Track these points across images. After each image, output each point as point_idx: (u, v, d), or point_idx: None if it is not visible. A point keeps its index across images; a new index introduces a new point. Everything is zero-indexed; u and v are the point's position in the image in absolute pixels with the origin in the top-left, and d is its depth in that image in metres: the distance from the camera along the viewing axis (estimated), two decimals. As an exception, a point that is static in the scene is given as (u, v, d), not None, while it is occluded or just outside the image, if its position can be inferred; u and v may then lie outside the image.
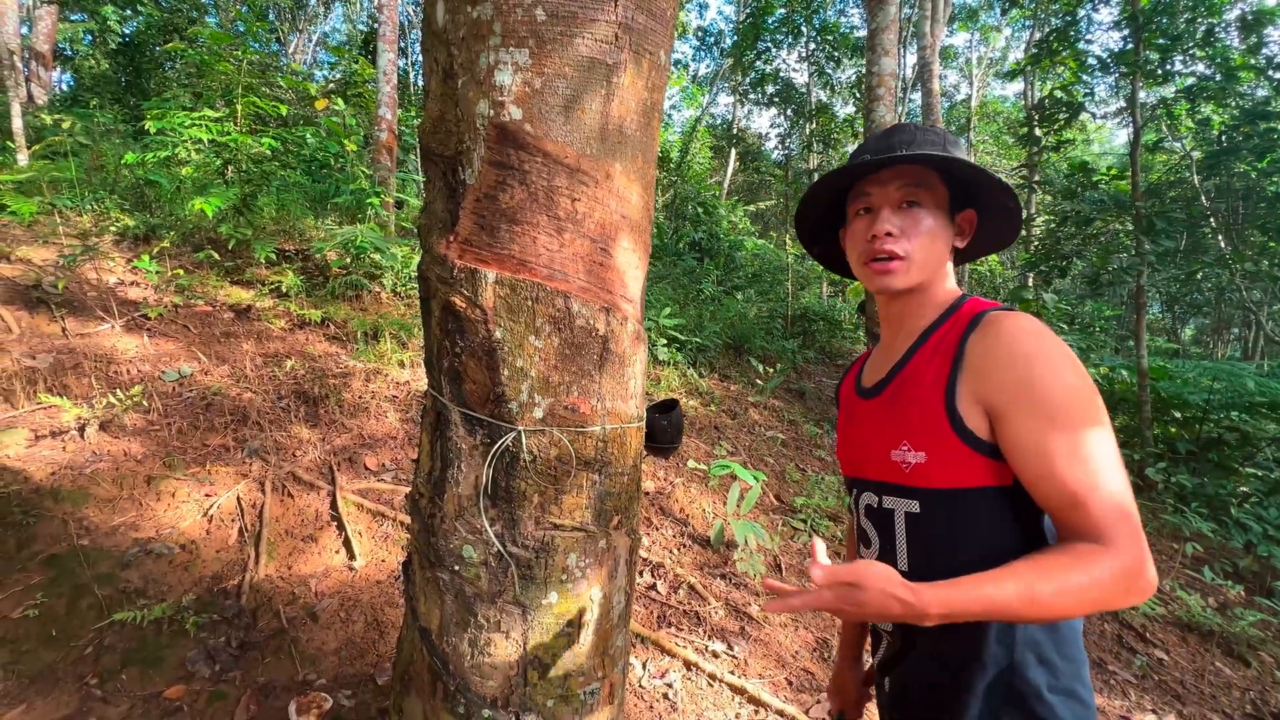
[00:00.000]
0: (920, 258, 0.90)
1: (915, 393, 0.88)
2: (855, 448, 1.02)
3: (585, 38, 0.90)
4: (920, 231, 0.90)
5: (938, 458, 0.84)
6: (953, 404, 0.82)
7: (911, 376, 0.90)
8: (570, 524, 1.06)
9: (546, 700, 1.09)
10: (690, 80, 21.05)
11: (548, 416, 1.01)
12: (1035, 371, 0.78)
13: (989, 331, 0.82)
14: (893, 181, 0.91)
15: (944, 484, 0.84)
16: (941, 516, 0.86)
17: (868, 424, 0.97)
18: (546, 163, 0.93)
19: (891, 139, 0.94)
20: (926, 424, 0.85)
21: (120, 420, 2.66)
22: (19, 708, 1.63)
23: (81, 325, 3.53)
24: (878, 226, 0.90)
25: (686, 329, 5.77)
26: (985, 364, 0.81)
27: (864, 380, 1.03)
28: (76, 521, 2.15)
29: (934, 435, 0.84)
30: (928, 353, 0.89)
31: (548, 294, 0.97)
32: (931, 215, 0.90)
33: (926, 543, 0.88)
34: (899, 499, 0.90)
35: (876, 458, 0.93)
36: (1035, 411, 0.77)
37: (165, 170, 5.17)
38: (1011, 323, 0.81)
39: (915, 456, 0.86)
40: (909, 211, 0.90)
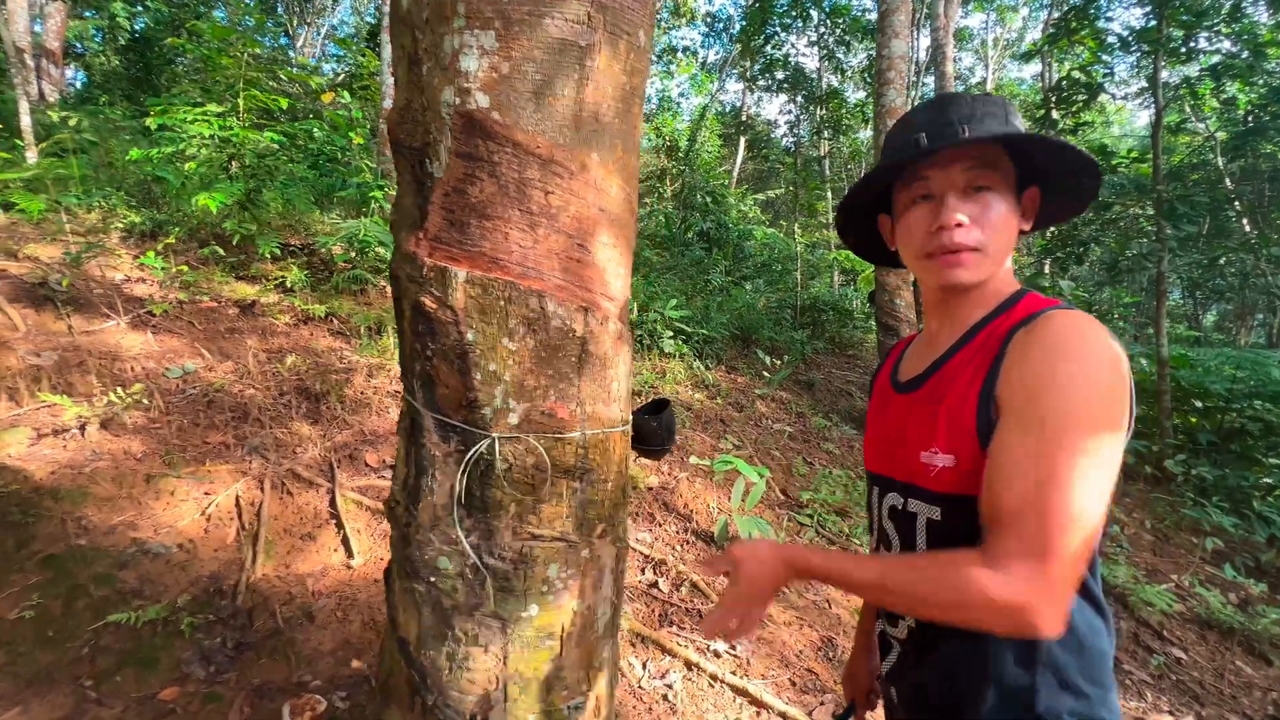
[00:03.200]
0: (995, 249, 0.81)
1: (953, 391, 0.80)
2: (885, 444, 0.94)
3: (555, 18, 0.84)
4: (993, 219, 0.81)
5: (965, 463, 0.77)
6: (986, 406, 0.75)
7: (950, 374, 0.83)
8: (550, 534, 1.01)
9: (528, 715, 1.05)
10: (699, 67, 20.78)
11: (524, 423, 0.96)
12: (1044, 372, 0.70)
13: (1034, 329, 0.74)
14: (956, 163, 0.81)
15: (968, 490, 0.76)
16: (963, 525, 0.78)
17: (901, 420, 0.89)
18: (517, 154, 0.88)
19: (947, 113, 0.83)
20: (957, 426, 0.78)
21: (121, 418, 2.66)
22: (14, 710, 1.63)
23: (87, 322, 3.54)
24: (946, 216, 0.80)
25: (693, 321, 5.70)
26: (1009, 364, 0.74)
27: (901, 372, 0.95)
28: (75, 521, 2.15)
29: (962, 438, 0.77)
30: (972, 350, 0.81)
31: (521, 293, 0.92)
32: (1003, 199, 0.81)
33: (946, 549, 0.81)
34: (923, 504, 0.83)
35: (907, 458, 0.86)
36: (1021, 414, 0.70)
37: (172, 166, 5.18)
38: (1059, 320, 0.73)
39: (943, 460, 0.79)
40: (978, 196, 0.81)
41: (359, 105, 8.16)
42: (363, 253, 5.19)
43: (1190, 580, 3.68)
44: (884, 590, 0.74)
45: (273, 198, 5.41)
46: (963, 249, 0.81)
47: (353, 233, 4.96)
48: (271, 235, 4.91)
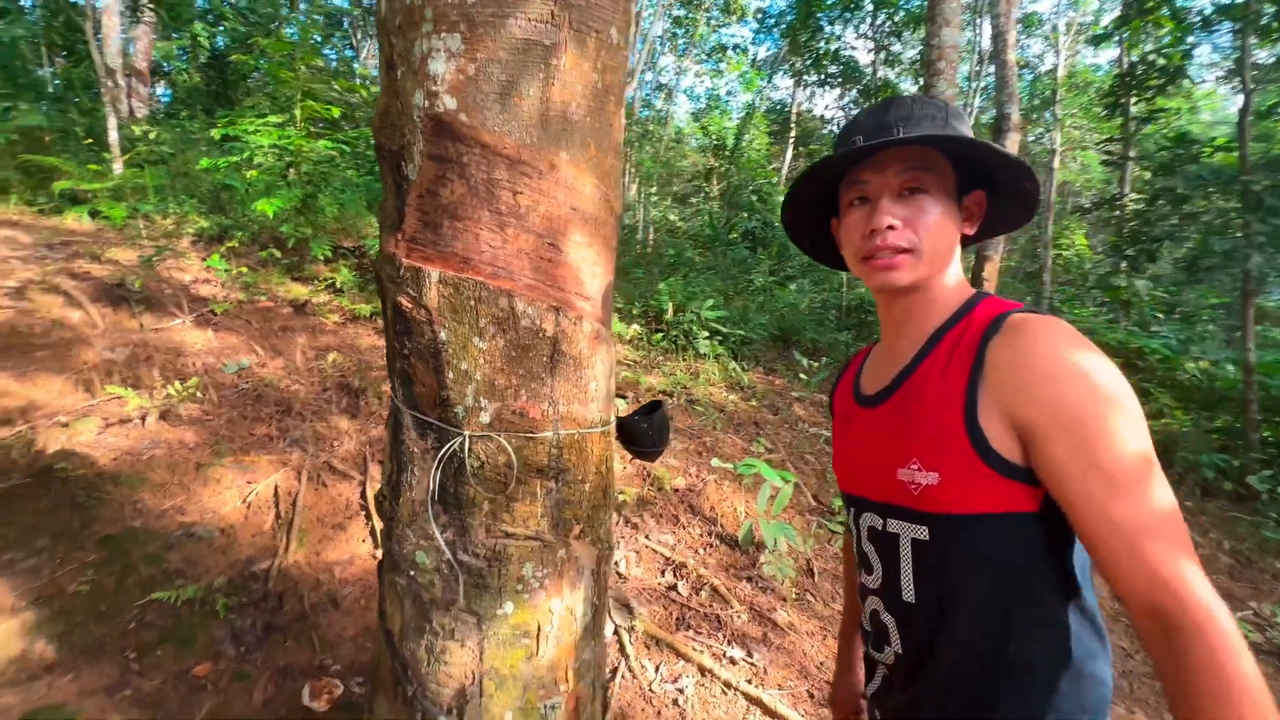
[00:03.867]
0: (929, 250, 0.80)
1: (926, 404, 0.77)
2: (854, 463, 0.91)
3: (519, 18, 0.85)
4: (927, 220, 0.79)
5: (954, 480, 0.73)
6: (974, 420, 0.72)
7: (920, 385, 0.80)
8: (524, 533, 1.01)
9: (504, 712, 1.06)
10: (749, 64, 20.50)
11: (495, 421, 0.96)
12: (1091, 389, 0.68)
13: (1015, 338, 0.72)
14: (891, 166, 0.80)
15: (960, 509, 0.74)
16: (955, 545, 0.76)
17: (869, 437, 0.87)
18: (485, 154, 0.88)
19: (886, 116, 0.83)
20: (941, 441, 0.74)
21: (177, 410, 2.86)
22: (68, 676, 1.77)
23: (156, 320, 3.83)
24: (877, 219, 0.80)
25: (730, 321, 5.62)
26: (1015, 377, 0.70)
27: (863, 386, 0.92)
28: (131, 504, 2.33)
29: (950, 454, 0.73)
30: (940, 358, 0.79)
31: (491, 293, 0.92)
32: (938, 201, 0.80)
33: (936, 573, 0.78)
34: (906, 523, 0.80)
35: (881, 476, 0.82)
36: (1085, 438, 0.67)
37: (237, 174, 5.53)
38: (1048, 327, 0.71)
39: (926, 477, 0.76)
40: (912, 199, 0.80)
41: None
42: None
43: (1272, 610, 3.36)
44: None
45: (327, 202, 5.69)
46: (895, 251, 0.80)
47: (399, 235, 5.15)
48: (325, 238, 5.17)
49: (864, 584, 0.89)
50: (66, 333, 3.42)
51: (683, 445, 3.81)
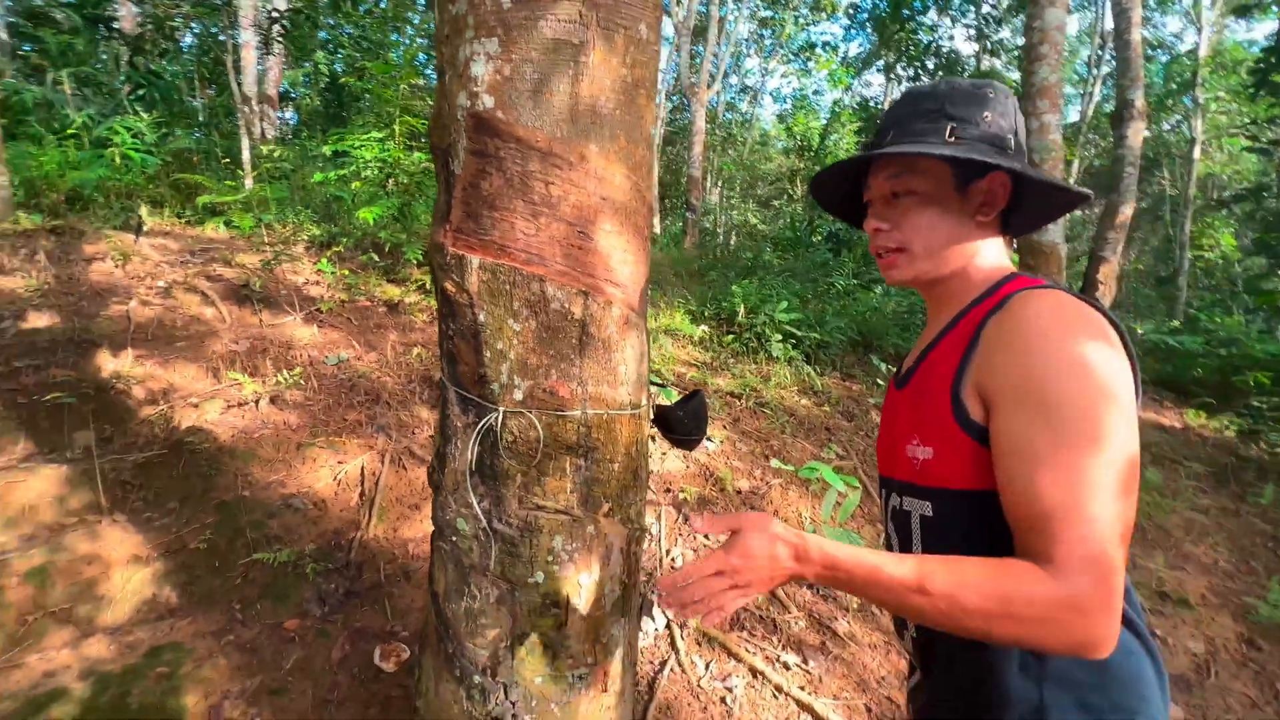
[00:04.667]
0: (921, 247, 0.84)
1: (931, 381, 0.80)
2: (882, 443, 0.95)
3: (549, 19, 0.91)
4: (914, 222, 0.84)
5: (944, 453, 0.76)
6: (958, 391, 0.74)
7: (931, 365, 0.82)
8: (553, 506, 1.07)
9: (534, 676, 1.11)
10: (839, 62, 19.85)
11: (527, 399, 1.03)
12: (1038, 358, 0.67)
13: (1008, 311, 0.72)
14: (882, 172, 0.85)
15: (955, 484, 0.75)
16: (954, 522, 0.77)
17: (893, 417, 0.91)
18: (519, 148, 0.95)
19: (892, 115, 0.87)
20: (933, 415, 0.77)
21: (284, 396, 3.20)
22: (186, 619, 2.04)
23: (273, 317, 4.29)
24: (867, 224, 0.88)
25: (806, 324, 5.48)
26: (990, 346, 0.72)
27: (902, 369, 0.95)
28: (243, 476, 2.63)
29: (939, 427, 0.76)
30: (952, 338, 0.80)
31: (524, 278, 0.99)
32: (925, 201, 0.83)
33: (940, 550, 0.78)
34: (914, 499, 0.81)
35: (896, 454, 0.86)
36: (1026, 403, 0.66)
37: (345, 186, 6.08)
38: (1036, 301, 0.71)
39: (923, 452, 0.78)
40: (898, 202, 0.84)
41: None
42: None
43: None
44: (923, 594, 0.63)
45: (421, 210, 6.12)
46: (888, 251, 0.86)
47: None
48: (417, 243, 5.57)
49: None
50: (201, 327, 3.92)
51: (748, 448, 3.76)
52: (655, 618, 2.32)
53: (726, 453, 3.63)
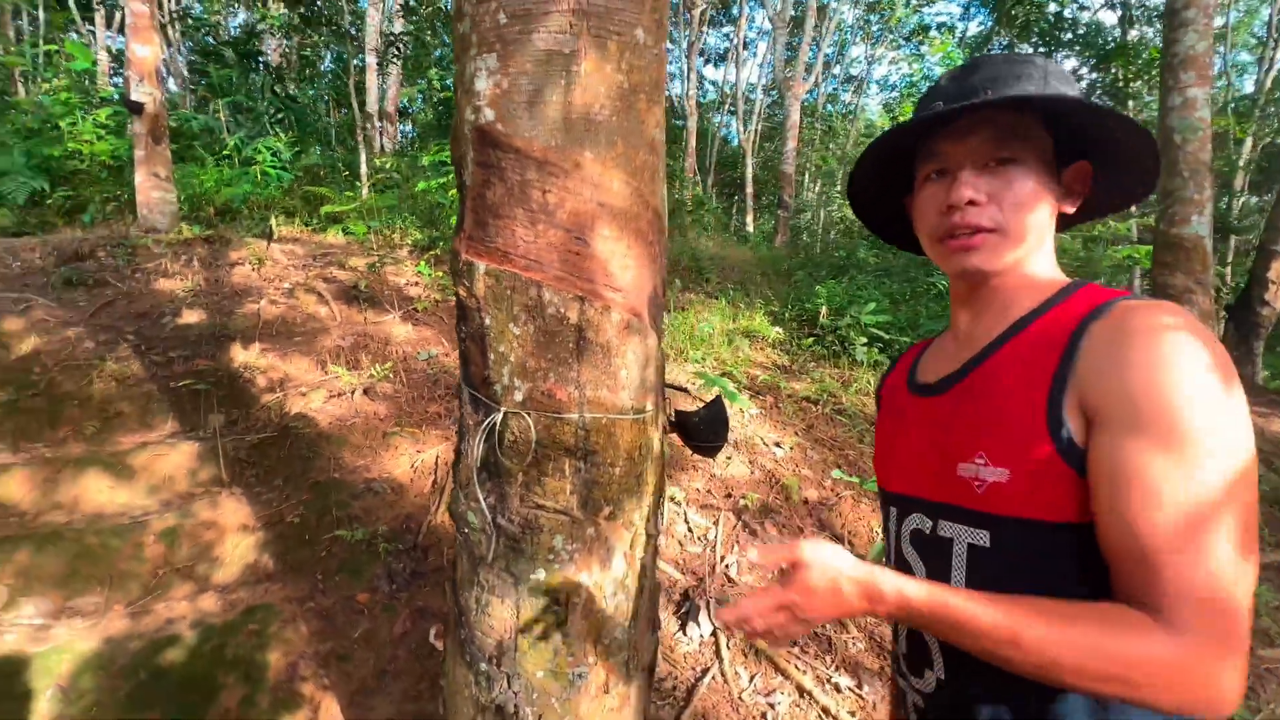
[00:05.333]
0: (1016, 229, 0.71)
1: (1002, 392, 0.69)
2: (904, 457, 0.82)
3: (541, 32, 0.93)
4: (1015, 196, 0.71)
5: (1027, 477, 0.65)
6: (1057, 410, 0.63)
7: (995, 372, 0.71)
8: (553, 506, 1.10)
9: (536, 670, 1.15)
10: (956, 43, 18.41)
11: (527, 400, 1.06)
12: (1164, 376, 0.58)
13: (1118, 320, 0.62)
14: (975, 134, 0.72)
15: (1031, 513, 0.65)
16: (1020, 555, 0.66)
17: (926, 429, 0.79)
18: (518, 158, 0.98)
19: (971, 78, 0.74)
20: (1017, 432, 0.66)
21: (376, 388, 3.50)
22: (279, 584, 2.30)
23: (376, 315, 4.70)
24: (956, 193, 0.71)
25: (896, 327, 5.15)
26: (1100, 360, 0.62)
27: (921, 374, 0.84)
28: (335, 460, 2.91)
29: (1025, 447, 0.65)
30: (1024, 344, 0.70)
31: (523, 283, 1.02)
32: (1031, 173, 0.71)
33: (991, 588, 0.66)
34: (963, 526, 0.71)
35: (937, 472, 0.75)
36: (1145, 426, 0.58)
37: (445, 193, 6.54)
38: (1152, 314, 0.61)
39: (994, 474, 0.67)
40: (999, 171, 0.71)
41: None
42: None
43: None
44: (1015, 646, 0.57)
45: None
46: (977, 230, 0.71)
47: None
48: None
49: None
50: (316, 324, 4.38)
51: (820, 456, 3.61)
52: (701, 624, 2.29)
53: (795, 460, 3.51)
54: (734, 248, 9.45)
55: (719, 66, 23.55)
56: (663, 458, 1.27)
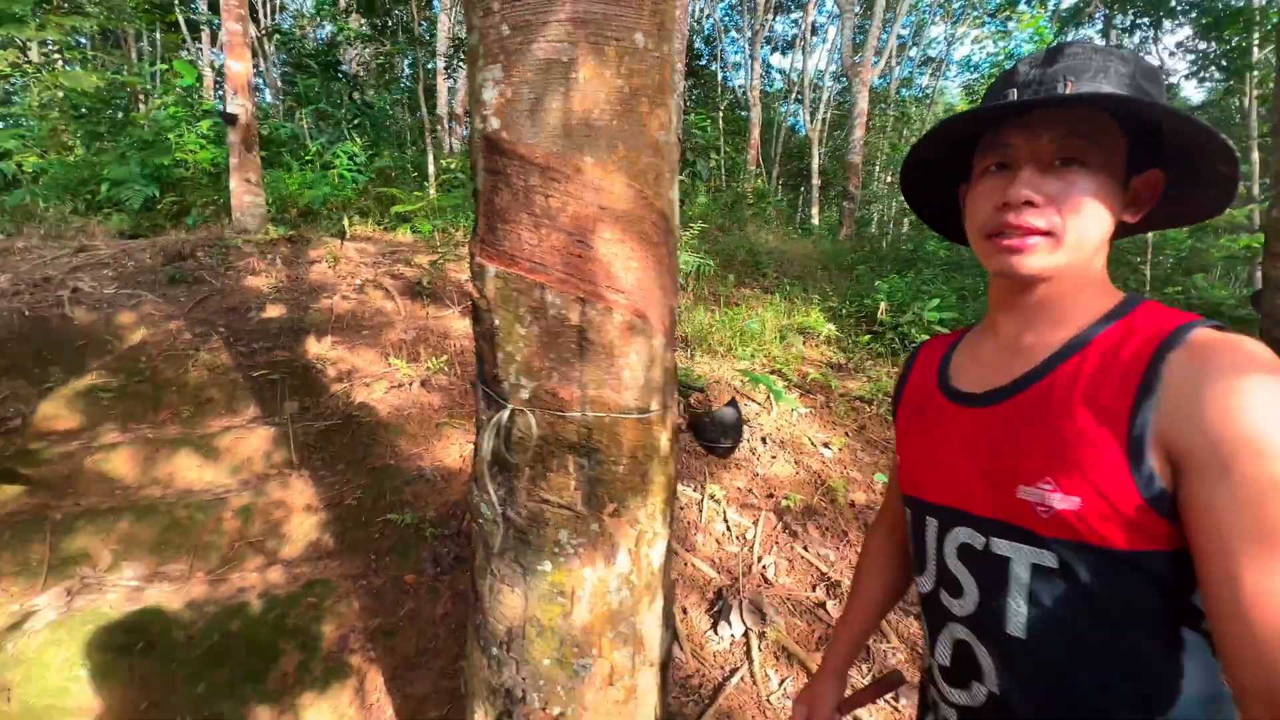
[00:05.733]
0: (1074, 236, 0.67)
1: (1072, 417, 0.66)
2: (945, 468, 0.78)
3: (540, 42, 0.95)
4: (1076, 202, 0.67)
5: (1099, 508, 0.63)
6: (1139, 446, 0.61)
7: (1062, 393, 0.68)
8: (558, 501, 1.13)
9: (543, 659, 1.19)
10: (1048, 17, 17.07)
11: (532, 398, 1.10)
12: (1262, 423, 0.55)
13: (1205, 356, 0.59)
14: (1046, 130, 0.67)
15: (1101, 542, 0.63)
16: (1086, 579, 0.65)
17: (972, 442, 0.75)
18: (522, 165, 1.01)
19: (1052, 66, 0.69)
20: (1093, 463, 0.63)
21: (432, 380, 3.68)
22: (336, 561, 2.47)
23: (438, 310, 4.93)
24: (1013, 191, 0.68)
25: (962, 325, 4.87)
26: (1184, 395, 0.59)
27: (960, 379, 0.80)
28: (392, 447, 3.09)
29: (1101, 479, 0.63)
30: (1091, 365, 0.67)
31: (528, 285, 1.06)
32: (1096, 179, 0.67)
33: (1056, 607, 0.67)
34: (1026, 546, 0.68)
35: (992, 490, 0.72)
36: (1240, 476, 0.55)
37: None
38: (1239, 349, 0.59)
39: (1064, 502, 0.64)
40: (1064, 172, 0.67)
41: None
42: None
43: None
44: None
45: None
46: (1030, 232, 0.67)
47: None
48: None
49: (946, 608, 0.78)
50: (382, 318, 4.65)
51: (871, 458, 3.48)
52: (733, 624, 2.28)
53: (844, 461, 3.40)
54: (795, 241, 9.22)
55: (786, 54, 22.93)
56: (674, 458, 1.28)
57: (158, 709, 1.92)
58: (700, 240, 6.99)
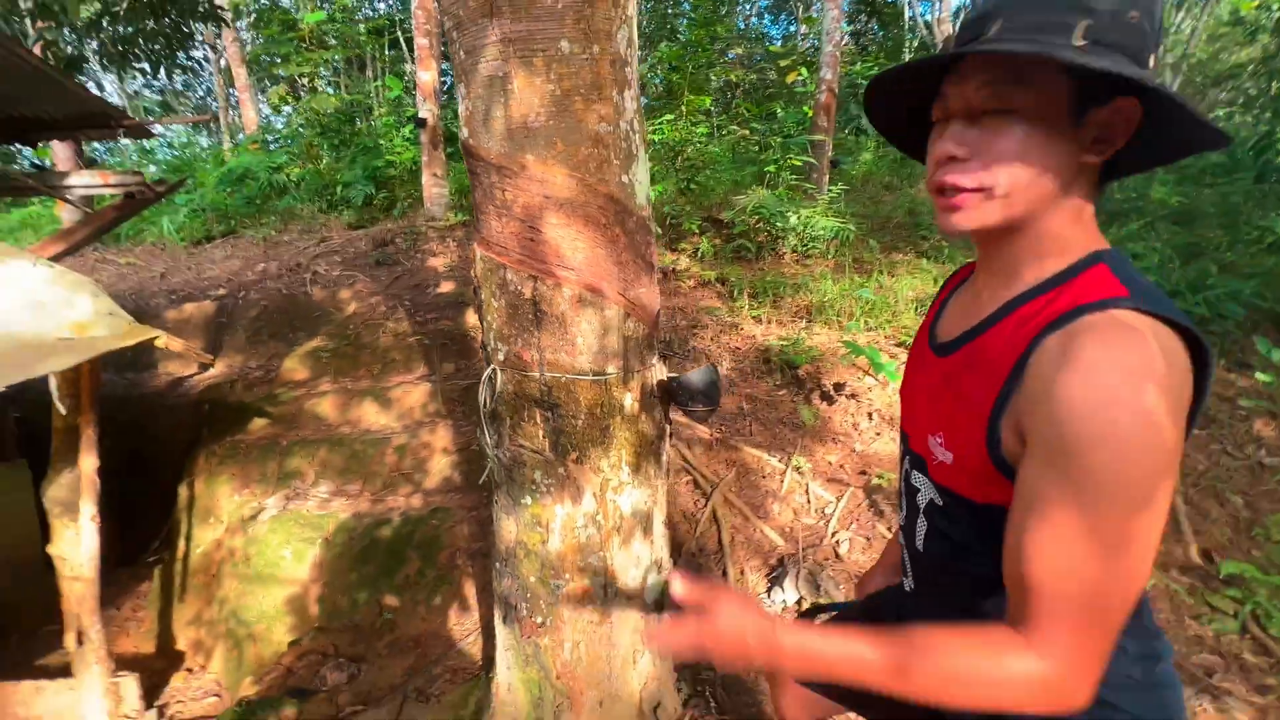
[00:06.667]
0: (1007, 188, 0.64)
1: (967, 383, 0.71)
2: (909, 403, 0.88)
3: (483, 61, 1.13)
4: (1004, 150, 0.63)
5: (965, 467, 0.71)
6: (995, 423, 0.66)
7: (974, 359, 0.71)
8: (530, 447, 1.35)
9: (530, 576, 1.44)
10: None
11: (505, 360, 1.32)
12: (1081, 416, 0.57)
13: (1067, 349, 0.59)
14: (973, 77, 0.64)
15: (968, 494, 0.72)
16: (962, 519, 0.75)
17: (924, 386, 0.82)
18: (484, 165, 1.22)
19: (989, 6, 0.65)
20: (964, 430, 0.70)
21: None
22: (459, 495, 3.00)
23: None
24: (937, 147, 0.67)
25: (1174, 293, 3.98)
26: (1036, 390, 0.61)
27: (940, 327, 0.83)
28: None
29: (967, 444, 0.70)
30: (1002, 335, 0.68)
31: (495, 265, 1.27)
32: (1030, 126, 0.62)
33: (943, 536, 0.79)
34: (927, 482, 0.79)
35: (920, 431, 0.80)
36: (1054, 459, 0.59)
37: (649, 167, 6.99)
38: (1104, 337, 0.58)
39: (943, 454, 0.73)
40: (991, 122, 0.63)
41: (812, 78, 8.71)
42: (768, 222, 5.80)
43: None
44: (904, 680, 0.63)
45: (708, 178, 6.58)
46: (958, 190, 0.66)
47: (753, 205, 5.62)
48: (697, 213, 6.08)
49: (899, 517, 0.93)
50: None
51: (995, 440, 3.12)
52: (785, 590, 2.32)
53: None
54: (973, 197, 8.09)
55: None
56: (647, 416, 1.41)
57: (328, 585, 2.59)
58: (848, 203, 6.56)
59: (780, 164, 6.18)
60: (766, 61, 10.49)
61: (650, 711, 1.54)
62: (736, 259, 5.64)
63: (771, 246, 5.74)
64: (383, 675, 2.29)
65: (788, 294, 4.85)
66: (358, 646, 2.45)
